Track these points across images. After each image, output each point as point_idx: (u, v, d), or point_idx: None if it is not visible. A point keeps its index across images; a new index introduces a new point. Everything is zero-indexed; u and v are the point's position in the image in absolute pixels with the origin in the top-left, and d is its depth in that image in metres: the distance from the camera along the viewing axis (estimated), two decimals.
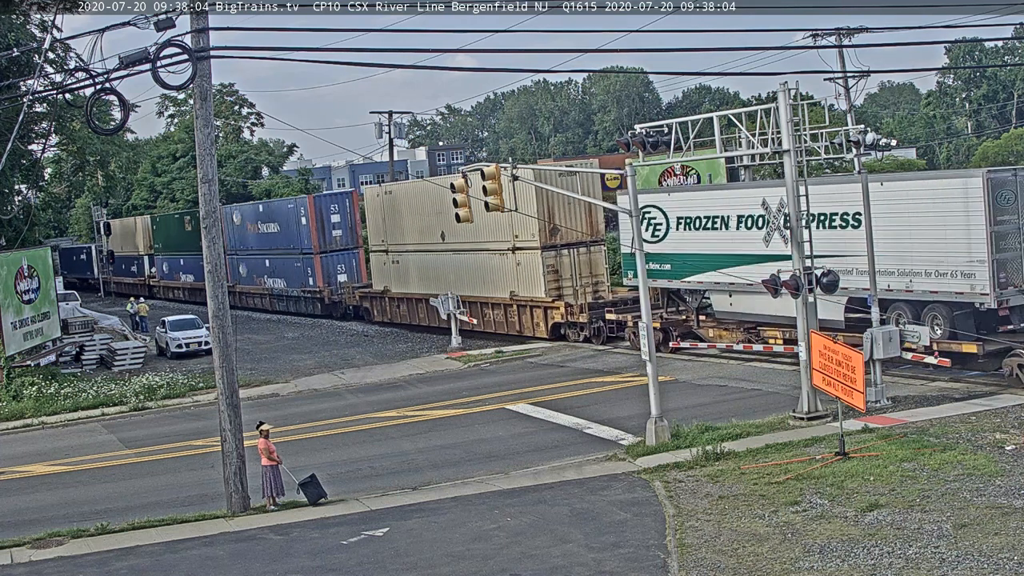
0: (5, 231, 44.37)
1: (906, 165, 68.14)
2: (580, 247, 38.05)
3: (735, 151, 27.99)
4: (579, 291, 37.56)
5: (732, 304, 32.00)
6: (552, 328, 38.16)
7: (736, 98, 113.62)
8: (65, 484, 24.39)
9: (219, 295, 20.93)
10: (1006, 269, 25.08)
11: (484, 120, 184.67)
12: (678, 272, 33.35)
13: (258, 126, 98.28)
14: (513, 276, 39.07)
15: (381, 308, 47.41)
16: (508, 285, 39.39)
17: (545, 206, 36.97)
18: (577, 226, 37.71)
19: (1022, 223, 25.32)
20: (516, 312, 39.33)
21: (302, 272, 52.17)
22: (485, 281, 40.53)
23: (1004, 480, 17.64)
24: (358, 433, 27.29)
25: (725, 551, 15.65)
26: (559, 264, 37.57)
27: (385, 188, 48.12)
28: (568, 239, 37.69)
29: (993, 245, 24.78)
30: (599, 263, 38.61)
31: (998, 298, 24.96)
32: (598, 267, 38.57)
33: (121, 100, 20.05)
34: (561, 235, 37.55)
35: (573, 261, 37.72)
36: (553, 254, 37.68)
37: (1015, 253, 25.18)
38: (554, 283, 37.72)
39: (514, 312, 39.41)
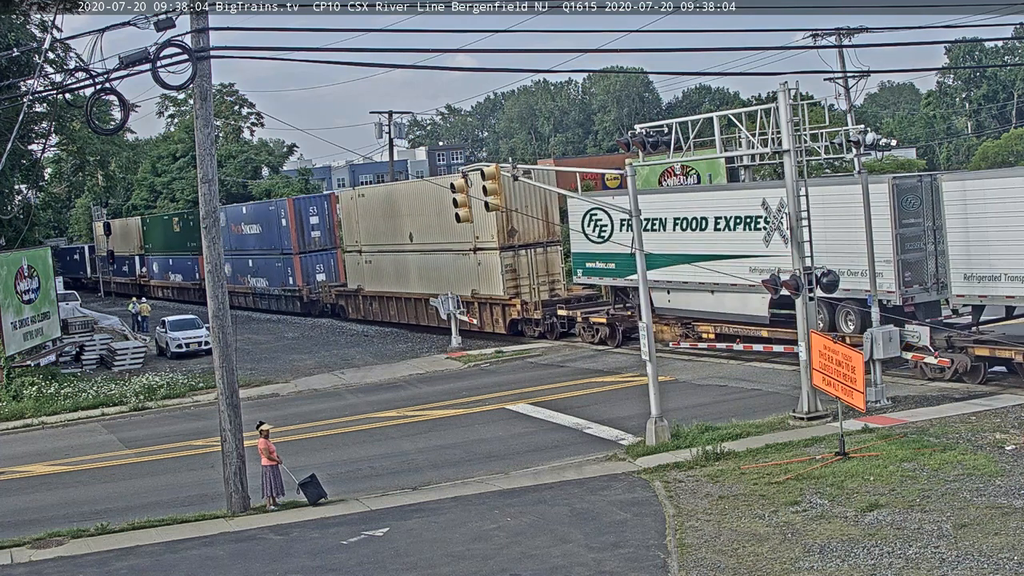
0: (5, 231, 44.36)
1: (906, 165, 68.13)
2: (537, 248, 39.71)
3: (735, 151, 28.00)
4: (536, 289, 39.31)
5: (670, 301, 33.89)
6: (509, 324, 39.79)
7: (736, 98, 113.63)
8: (65, 484, 24.39)
9: (219, 295, 20.92)
10: (911, 269, 26.94)
11: (484, 120, 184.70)
12: (622, 271, 34.92)
13: (258, 126, 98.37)
14: (475, 275, 40.74)
15: (355, 306, 49.32)
16: (470, 284, 41.01)
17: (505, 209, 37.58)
18: (534, 228, 39.37)
19: (927, 226, 26.98)
20: (477, 309, 40.95)
21: (283, 272, 53.72)
22: (449, 280, 42.00)
23: (1004, 480, 17.65)
24: (358, 433, 27.29)
25: (725, 551, 15.65)
26: (517, 264, 39.33)
27: (358, 191, 49.64)
28: (526, 240, 39.40)
29: (898, 247, 26.70)
30: (555, 263, 40.20)
31: (903, 295, 26.98)
32: (554, 266, 40.17)
33: (121, 100, 20.04)
34: (519, 236, 39.27)
35: (530, 261, 39.44)
36: (511, 254, 39.39)
37: (920, 254, 27.01)
38: (512, 282, 39.33)
39: (475, 309, 41.00)
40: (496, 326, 40.30)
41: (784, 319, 29.06)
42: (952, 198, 26.23)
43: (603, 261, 35.80)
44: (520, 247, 39.31)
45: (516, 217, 38.12)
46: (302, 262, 52.30)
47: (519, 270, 39.26)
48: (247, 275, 57.76)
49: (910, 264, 27.14)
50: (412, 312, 44.73)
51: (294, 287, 52.81)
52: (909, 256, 27.13)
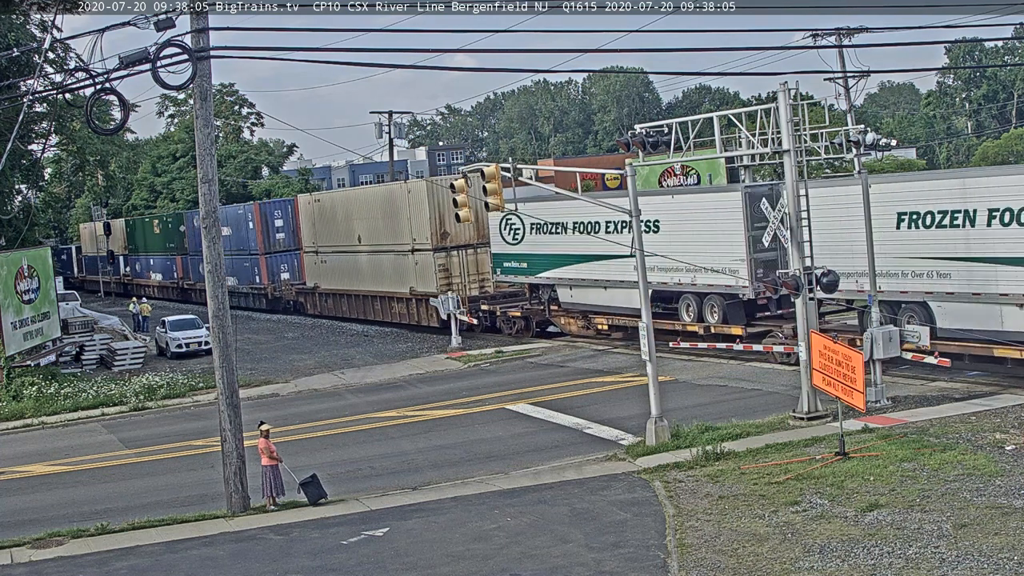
0: (5, 231, 44.34)
1: (906, 165, 68.11)
2: (468, 249, 42.69)
3: (735, 151, 28.00)
4: (467, 287, 42.41)
5: (572, 296, 37.82)
6: (442, 319, 42.04)
7: (736, 98, 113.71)
8: (65, 484, 24.39)
9: (219, 295, 20.92)
10: (763, 266, 29.85)
11: (484, 120, 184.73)
12: (533, 270, 38.84)
13: (258, 126, 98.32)
14: (413, 273, 44.14)
15: (313, 302, 52.91)
16: (409, 281, 44.44)
17: (436, 213, 42.12)
18: (465, 230, 41.51)
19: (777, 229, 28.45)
20: (415, 304, 44.37)
21: (250, 271, 56.97)
22: (391, 278, 45.72)
23: (1004, 480, 17.64)
24: (358, 433, 27.29)
25: (725, 551, 15.65)
26: (449, 263, 42.43)
27: (315, 196, 54.05)
28: (457, 242, 42.37)
29: (751, 247, 29.99)
30: (484, 263, 42.70)
31: (756, 290, 30.13)
32: (484, 266, 42.80)
33: (121, 100, 20.05)
34: (451, 238, 42.31)
35: (461, 261, 42.57)
36: (444, 255, 42.47)
37: (771, 255, 29.94)
38: (445, 280, 42.27)
39: (413, 305, 44.53)
40: (430, 320, 42.98)
41: (661, 313, 33.15)
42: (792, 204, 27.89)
43: (517, 261, 39.52)
44: (452, 248, 42.35)
45: (448, 220, 40.57)
46: (267, 262, 55.49)
47: (451, 269, 42.33)
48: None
49: (763, 262, 30.20)
50: (361, 307, 48.44)
51: (260, 285, 55.78)
52: (761, 255, 30.22)
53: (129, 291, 73.19)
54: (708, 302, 32.37)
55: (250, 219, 55.50)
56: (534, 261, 38.57)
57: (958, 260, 24.99)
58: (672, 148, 27.02)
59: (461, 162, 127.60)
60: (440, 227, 42.12)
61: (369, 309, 47.75)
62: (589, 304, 37.00)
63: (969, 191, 25.30)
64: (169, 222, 67.72)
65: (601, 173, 59.59)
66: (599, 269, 35.30)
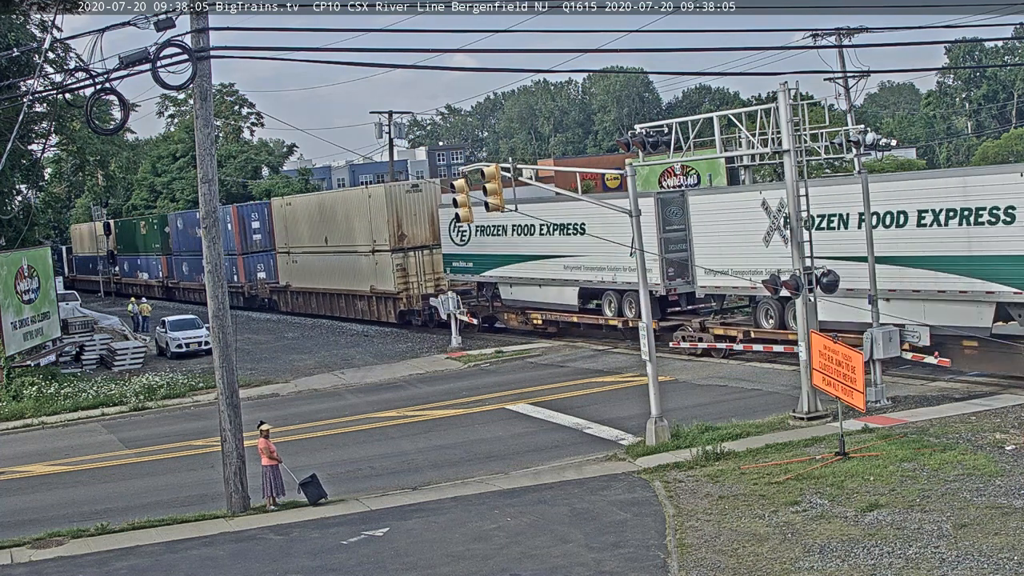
0: (5, 231, 44.31)
1: (906, 165, 68.14)
2: (424, 250, 45.33)
3: (735, 151, 28.02)
4: (423, 285, 45.28)
5: (512, 293, 40.66)
6: (399, 315, 45.86)
7: (736, 98, 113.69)
8: (65, 484, 24.38)
9: (219, 295, 20.92)
10: (674, 266, 33.16)
11: (484, 120, 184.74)
12: (478, 269, 41.81)
13: (258, 126, 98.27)
14: (373, 273, 46.86)
15: (285, 300, 55.41)
16: (369, 280, 47.25)
17: (395, 216, 45.21)
18: (421, 233, 45.22)
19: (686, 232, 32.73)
20: (375, 301, 47.27)
21: (228, 270, 58.22)
22: (354, 277, 48.59)
23: (1004, 480, 17.65)
24: (358, 433, 27.29)
25: (725, 551, 15.65)
26: (406, 263, 45.13)
27: (286, 200, 56.24)
28: (414, 243, 45.19)
29: (663, 248, 32.75)
30: (439, 262, 45.13)
31: (667, 287, 33.66)
32: (439, 266, 45.22)
33: (121, 100, 20.04)
34: (408, 240, 45.15)
35: (418, 261, 45.18)
36: (401, 255, 45.16)
37: (684, 254, 32.82)
38: (402, 279, 45.22)
39: (373, 302, 47.40)
40: (389, 316, 46.50)
41: (590, 309, 37.26)
42: (696, 209, 32.22)
43: (464, 260, 42.42)
44: (409, 249, 45.08)
45: (406, 223, 44.91)
46: (245, 262, 57.96)
47: (408, 269, 45.06)
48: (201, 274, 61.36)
49: (673, 262, 33.21)
50: (328, 305, 51.34)
51: (238, 284, 57.95)
52: (672, 255, 33.14)
53: (118, 290, 76.54)
54: (627, 298, 34.85)
55: (228, 221, 57.53)
56: (479, 261, 41.52)
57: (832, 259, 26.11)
58: (672, 148, 27.02)
59: (461, 162, 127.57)
60: (398, 229, 45.16)
61: (335, 306, 50.73)
62: (526, 301, 39.78)
63: (836, 198, 28.04)
64: (154, 223, 70.15)
65: (601, 173, 59.65)
66: (535, 268, 38.51)
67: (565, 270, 37.03)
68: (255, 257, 57.48)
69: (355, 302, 49.11)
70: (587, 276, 36.17)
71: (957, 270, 25.48)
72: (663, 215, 33.07)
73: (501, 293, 41.38)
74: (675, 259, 33.08)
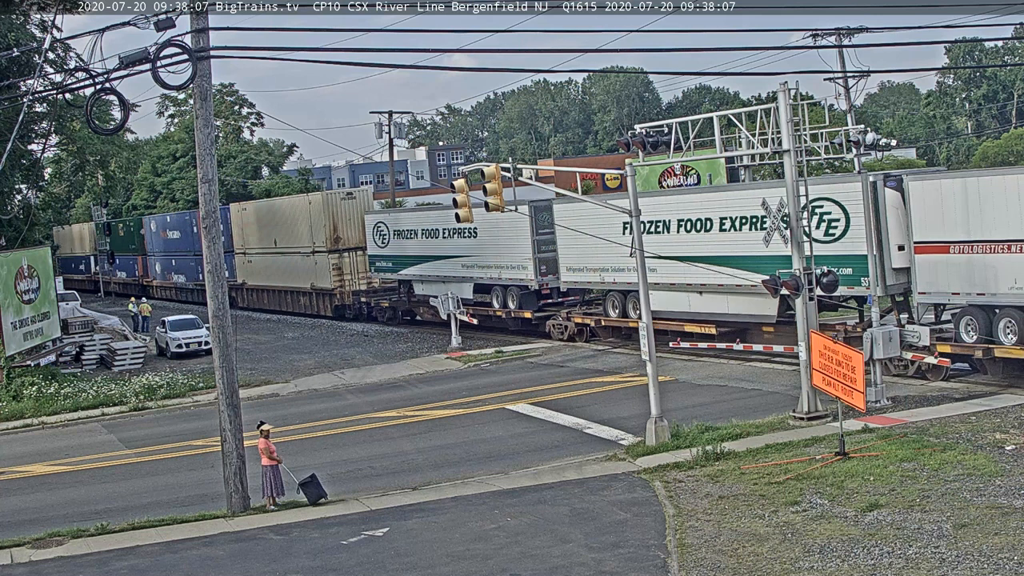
0: (5, 231, 44.30)
1: (906, 165, 68.13)
2: (357, 250, 49.83)
3: (735, 151, 28.01)
4: (356, 282, 50.10)
5: (423, 289, 45.74)
6: (334, 309, 50.87)
7: (736, 98, 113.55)
8: (65, 484, 24.38)
9: (219, 295, 20.92)
10: (546, 264, 38.58)
11: (484, 120, 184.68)
12: (396, 268, 46.82)
13: (258, 126, 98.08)
14: (314, 272, 51.72)
15: (242, 296, 60.03)
16: (311, 278, 52.17)
17: (331, 220, 50.02)
18: (354, 236, 49.76)
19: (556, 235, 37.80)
20: (315, 297, 52.26)
21: (195, 269, 63.59)
22: (298, 275, 53.41)
23: (1004, 480, 17.64)
24: (358, 433, 27.29)
25: (725, 551, 15.65)
26: (341, 263, 49.86)
27: (242, 205, 61.78)
28: (348, 245, 49.92)
29: (535, 249, 38.47)
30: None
31: (540, 282, 38.82)
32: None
33: (121, 100, 20.03)
34: (343, 242, 49.84)
35: (352, 261, 49.97)
36: (337, 256, 49.99)
37: (553, 254, 38.17)
38: (338, 277, 50.06)
39: (314, 297, 52.40)
40: (326, 311, 51.51)
41: (483, 302, 42.16)
42: (559, 216, 37.36)
43: (385, 261, 47.42)
44: (344, 250, 49.80)
45: (341, 226, 49.75)
46: None
47: (343, 268, 49.84)
48: (171, 272, 69.70)
49: (545, 260, 38.55)
50: (277, 301, 56.03)
51: (201, 281, 62.07)
52: (544, 255, 38.50)
53: (98, 287, 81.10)
54: (509, 292, 40.48)
55: (194, 224, 61.91)
56: (397, 261, 46.58)
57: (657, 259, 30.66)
58: (672, 148, 27.02)
59: (461, 162, 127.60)
60: (334, 232, 49.87)
61: (283, 302, 55.51)
62: (433, 296, 43.48)
63: (663, 207, 33.22)
64: (131, 225, 75.38)
65: (601, 173, 59.66)
66: (440, 267, 43.86)
67: (463, 268, 42.62)
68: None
69: (299, 298, 53.79)
70: (479, 273, 41.75)
71: (751, 268, 29.94)
72: (536, 220, 38.19)
73: (415, 289, 46.37)
74: (546, 258, 38.51)
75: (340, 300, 50.24)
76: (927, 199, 26.01)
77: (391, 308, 48.27)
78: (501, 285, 40.85)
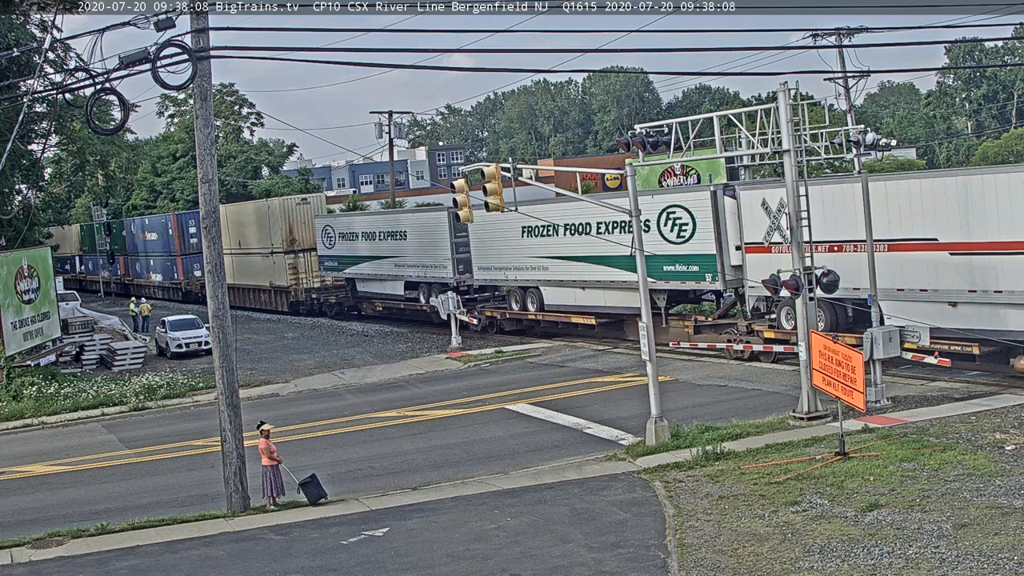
0: (5, 231, 44.29)
1: (906, 165, 68.17)
2: (311, 251, 54.08)
3: (735, 151, 28.00)
4: (310, 280, 54.35)
5: (364, 287, 50.43)
6: (290, 305, 54.89)
7: (736, 98, 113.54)
8: (65, 484, 24.38)
9: (219, 295, 20.91)
10: (463, 263, 42.75)
11: (484, 120, 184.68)
12: (341, 267, 51.48)
13: (258, 126, 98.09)
14: (272, 270, 55.97)
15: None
16: (270, 277, 56.42)
17: (287, 223, 54.33)
18: (308, 238, 53.95)
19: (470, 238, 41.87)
20: (273, 294, 56.37)
21: (171, 269, 69.23)
22: (258, 274, 57.57)
23: (1004, 480, 17.64)
24: (358, 433, 27.29)
25: (725, 551, 15.65)
26: (296, 263, 54.18)
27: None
28: (303, 246, 54.09)
29: (453, 250, 42.95)
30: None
31: (457, 280, 43.13)
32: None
33: (121, 100, 20.03)
34: (298, 243, 54.03)
35: (306, 261, 54.22)
36: (292, 256, 54.26)
37: (467, 255, 42.38)
38: (293, 275, 54.34)
39: (272, 294, 56.44)
40: (283, 306, 55.55)
41: (413, 298, 46.81)
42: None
43: (332, 261, 51.96)
44: (299, 251, 54.07)
45: (296, 229, 54.21)
46: (183, 262, 66.82)
47: (298, 267, 54.17)
48: (149, 272, 73.86)
49: (462, 260, 42.72)
50: (240, 297, 58.52)
51: (177, 280, 68.09)
52: (461, 256, 42.72)
53: (84, 287, 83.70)
54: (433, 288, 44.55)
55: (170, 227, 67.35)
56: (342, 260, 51.15)
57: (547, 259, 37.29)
58: (672, 148, 27.00)
59: (461, 162, 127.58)
60: (290, 235, 54.14)
61: (246, 298, 59.00)
62: (372, 292, 49.69)
63: (548, 213, 36.34)
64: (112, 227, 78.31)
65: (601, 173, 59.67)
66: (377, 266, 48.50)
67: (396, 267, 47.17)
68: (192, 258, 64.63)
69: (259, 294, 57.83)
70: (409, 272, 46.28)
71: (624, 266, 33.03)
72: (454, 225, 42.07)
73: (357, 287, 51.10)
74: (463, 258, 42.89)
75: (295, 296, 54.37)
76: (753, 206, 28.93)
77: (338, 304, 52.78)
78: (427, 282, 45.18)
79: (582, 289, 37.05)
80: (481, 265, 41.57)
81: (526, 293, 40.09)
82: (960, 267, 25.64)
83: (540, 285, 39.19)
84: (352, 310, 52.09)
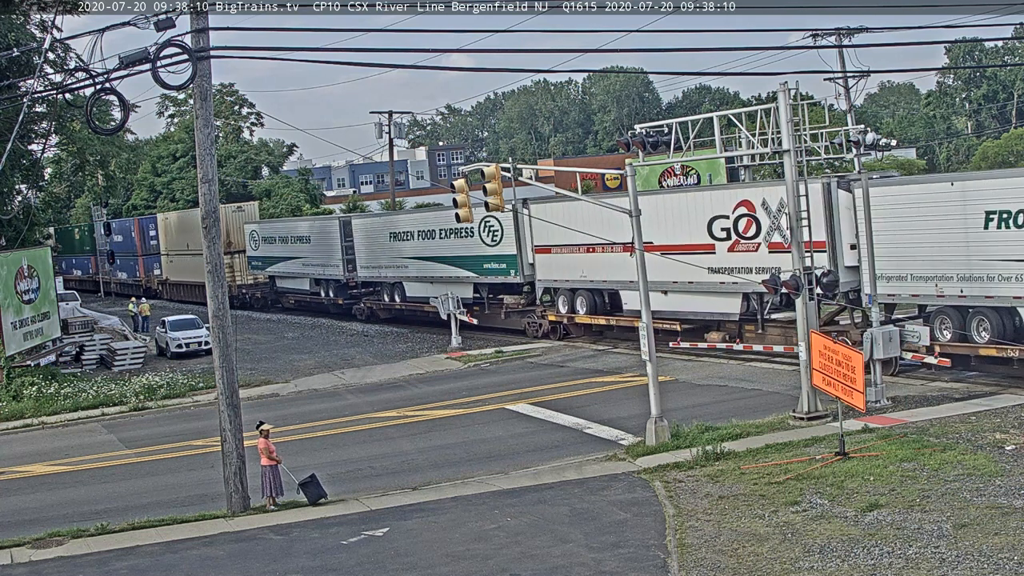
0: (5, 231, 44.29)
1: (906, 165, 68.17)
2: (244, 252, 60.24)
3: (735, 151, 28.01)
4: (244, 278, 60.38)
5: (283, 284, 57.38)
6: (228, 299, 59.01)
7: (736, 98, 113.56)
8: (65, 484, 24.38)
9: (219, 295, 20.91)
10: (353, 262, 49.61)
11: (484, 120, 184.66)
12: (265, 267, 58.35)
13: (258, 126, 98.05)
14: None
15: (167, 289, 70.65)
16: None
17: (225, 228, 55.53)
18: (242, 241, 59.99)
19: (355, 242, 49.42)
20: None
21: (134, 267, 76.83)
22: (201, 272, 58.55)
23: (1004, 480, 17.65)
24: (358, 433, 27.29)
25: (725, 551, 15.65)
26: (232, 262, 58.65)
27: (165, 215, 72.32)
28: (238, 247, 60.05)
29: (343, 252, 49.81)
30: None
31: (346, 277, 50.29)
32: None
33: (121, 100, 20.02)
34: (233, 246, 59.33)
35: (241, 261, 60.14)
36: (229, 256, 56.95)
37: (353, 256, 49.36)
38: (229, 273, 56.54)
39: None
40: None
41: (316, 292, 54.41)
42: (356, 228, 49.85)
43: (257, 261, 58.93)
44: (234, 252, 59.22)
45: (231, 232, 58.77)
46: (144, 261, 74.10)
47: (234, 266, 59.07)
48: (116, 271, 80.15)
49: (350, 261, 49.68)
50: (190, 293, 63.90)
51: (139, 278, 75.06)
52: (349, 257, 49.73)
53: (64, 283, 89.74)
54: (329, 284, 52.68)
55: (132, 230, 75.00)
56: (265, 261, 58.16)
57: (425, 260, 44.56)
58: (672, 148, 27.02)
59: (461, 162, 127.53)
60: (227, 238, 57.66)
61: (192, 293, 63.36)
62: (288, 288, 57.05)
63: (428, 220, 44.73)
64: (85, 229, 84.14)
65: (601, 173, 59.67)
66: (290, 266, 55.34)
67: (303, 267, 54.27)
68: (152, 258, 72.24)
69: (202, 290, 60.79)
70: (312, 271, 53.48)
71: (456, 264, 42.71)
72: (344, 230, 49.83)
73: (276, 283, 58.15)
74: (351, 259, 49.61)
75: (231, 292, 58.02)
76: (543, 216, 36.11)
77: (263, 298, 59.75)
78: (324, 279, 53.11)
79: (431, 283, 44.43)
80: (363, 265, 49.10)
81: (393, 288, 47.87)
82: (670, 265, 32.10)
83: (403, 280, 47.10)
84: (274, 304, 59.57)
